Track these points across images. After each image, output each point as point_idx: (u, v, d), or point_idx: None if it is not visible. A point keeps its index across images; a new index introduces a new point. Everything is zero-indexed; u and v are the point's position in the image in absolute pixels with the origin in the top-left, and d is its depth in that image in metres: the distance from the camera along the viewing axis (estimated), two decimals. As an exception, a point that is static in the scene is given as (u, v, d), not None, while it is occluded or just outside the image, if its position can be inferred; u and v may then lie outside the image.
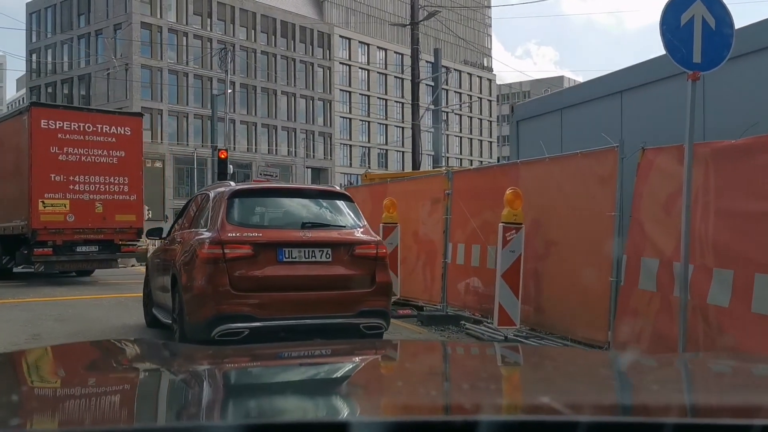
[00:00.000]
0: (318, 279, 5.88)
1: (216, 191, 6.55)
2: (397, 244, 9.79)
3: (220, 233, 5.81)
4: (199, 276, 5.77)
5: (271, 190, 6.89)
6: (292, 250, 5.83)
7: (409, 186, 10.23)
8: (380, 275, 6.14)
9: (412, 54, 27.61)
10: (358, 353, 2.10)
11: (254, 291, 5.70)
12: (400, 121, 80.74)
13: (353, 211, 6.55)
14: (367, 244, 6.15)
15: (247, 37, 63.44)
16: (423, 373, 1.71)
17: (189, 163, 56.36)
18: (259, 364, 1.81)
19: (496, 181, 8.00)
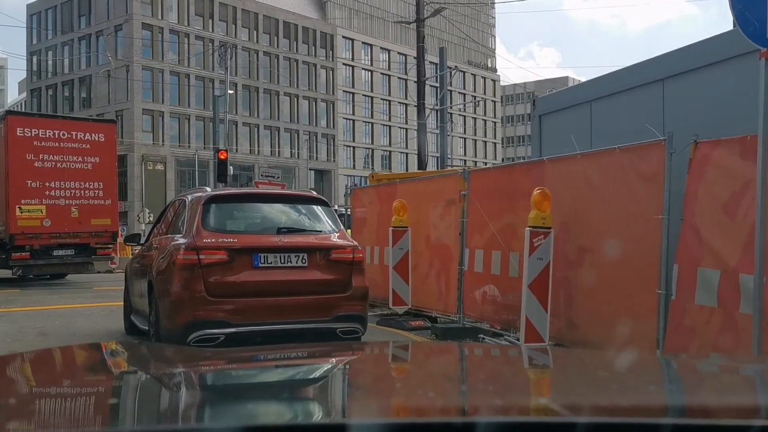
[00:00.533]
0: (294, 284, 5.92)
1: (192, 197, 6.56)
2: (408, 250, 9.07)
3: (196, 239, 5.84)
4: (174, 282, 5.79)
5: (247, 196, 6.98)
6: (267, 255, 5.88)
7: (421, 187, 9.50)
8: (356, 280, 6.17)
9: (418, 52, 26.92)
10: (349, 355, 2.08)
11: (230, 297, 5.74)
12: (403, 122, 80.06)
13: (330, 216, 6.54)
14: (343, 249, 6.17)
15: (249, 38, 62.80)
16: (421, 375, 1.71)
17: (191, 166, 55.71)
18: (242, 366, 1.82)
19: (519, 181, 7.27)
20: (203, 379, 1.61)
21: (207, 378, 1.62)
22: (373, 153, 76.68)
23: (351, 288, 6.11)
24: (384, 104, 78.05)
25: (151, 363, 1.86)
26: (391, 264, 9.08)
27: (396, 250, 9.09)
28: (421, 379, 1.63)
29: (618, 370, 1.70)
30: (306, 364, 1.84)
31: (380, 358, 1.98)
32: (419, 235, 9.16)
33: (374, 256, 10.27)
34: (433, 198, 9.05)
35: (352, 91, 74.28)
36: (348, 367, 1.80)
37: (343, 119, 72.71)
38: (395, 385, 1.57)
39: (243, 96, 61.74)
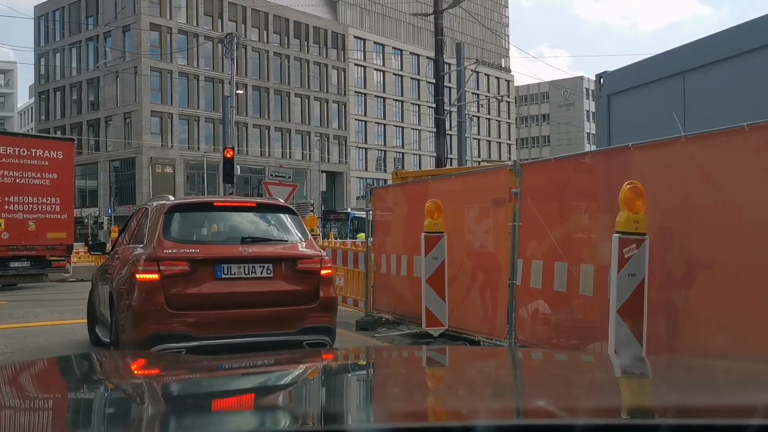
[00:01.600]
0: (258, 295, 5.84)
1: (154, 205, 6.44)
2: (444, 259, 7.58)
3: (156, 250, 5.73)
4: (133, 294, 5.69)
5: (210, 205, 6.82)
6: (231, 266, 5.79)
7: (458, 184, 7.97)
8: (324, 290, 6.07)
9: (436, 45, 25.41)
10: (345, 361, 2.11)
11: (192, 309, 5.66)
12: (416, 123, 78.73)
13: (296, 224, 6.40)
14: (310, 259, 6.09)
15: (259, 38, 61.65)
16: (417, 379, 1.72)
17: (200, 168, 54.56)
18: (209, 374, 1.83)
19: (591, 174, 5.77)
20: (169, 390, 1.59)
21: (174, 388, 1.61)
22: (385, 155, 75.28)
23: (318, 299, 5.97)
24: (396, 105, 76.68)
25: (118, 373, 1.86)
26: (424, 276, 7.60)
27: (429, 259, 7.60)
28: (416, 384, 1.63)
29: (614, 373, 1.75)
30: (273, 372, 1.82)
31: (377, 365, 1.96)
32: (457, 242, 7.67)
33: (401, 266, 8.79)
34: (475, 197, 7.57)
35: (364, 92, 72.97)
36: (344, 374, 1.81)
37: (355, 120, 71.41)
38: (394, 390, 1.56)
39: (253, 97, 60.61)
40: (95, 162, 57.11)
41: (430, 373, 1.83)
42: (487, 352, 2.82)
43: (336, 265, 10.85)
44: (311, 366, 1.91)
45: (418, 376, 1.76)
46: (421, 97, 79.49)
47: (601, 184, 5.37)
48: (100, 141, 56.50)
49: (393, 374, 1.79)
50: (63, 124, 60.02)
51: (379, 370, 1.88)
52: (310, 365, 1.94)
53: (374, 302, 9.60)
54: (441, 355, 2.29)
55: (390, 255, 9.10)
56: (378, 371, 1.87)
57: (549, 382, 1.63)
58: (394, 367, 1.92)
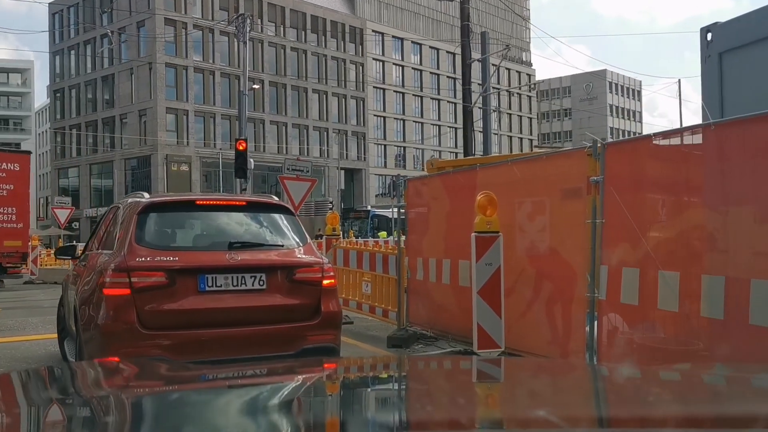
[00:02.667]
0: (249, 311, 5.08)
1: (126, 204, 5.66)
2: (500, 265, 6.12)
3: (127, 258, 4.93)
4: (99, 311, 4.89)
5: (192, 203, 5.80)
6: (216, 276, 5.02)
7: (517, 173, 6.43)
8: (327, 304, 5.31)
9: (462, 30, 24.00)
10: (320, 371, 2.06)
11: (169, 329, 4.89)
12: (436, 119, 77.20)
13: (293, 226, 5.61)
14: (310, 267, 5.34)
15: (275, 33, 60.42)
16: (414, 389, 1.70)
17: (217, 166, 53.46)
18: (193, 386, 1.79)
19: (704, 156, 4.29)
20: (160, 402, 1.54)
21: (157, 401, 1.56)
22: (405, 151, 73.79)
23: (320, 314, 5.22)
24: (416, 101, 75.16)
25: (85, 385, 1.80)
26: (475, 286, 6.15)
27: (482, 266, 6.15)
28: (414, 393, 1.63)
29: (615, 382, 1.71)
30: (268, 383, 1.76)
31: (373, 376, 1.94)
32: (516, 244, 6.22)
33: (442, 273, 7.34)
34: (538, 188, 6.09)
35: (383, 87, 71.52)
36: (346, 385, 1.78)
37: (373, 116, 69.99)
38: (392, 400, 1.56)
39: (270, 93, 59.43)
40: (110, 161, 56.29)
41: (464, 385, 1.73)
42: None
43: (362, 269, 9.44)
44: (327, 375, 1.91)
45: (436, 387, 1.72)
46: (441, 92, 77.96)
47: (735, 165, 3.89)
48: (115, 139, 55.64)
49: (426, 386, 1.72)
50: (78, 122, 59.28)
51: (413, 382, 1.79)
52: (356, 374, 1.95)
53: (408, 313, 8.17)
54: (508, 367, 2.14)
55: (428, 259, 7.65)
56: (411, 383, 1.78)
57: (548, 392, 1.59)
58: (447, 377, 1.87)
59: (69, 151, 60.63)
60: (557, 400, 1.48)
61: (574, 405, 1.38)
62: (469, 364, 2.30)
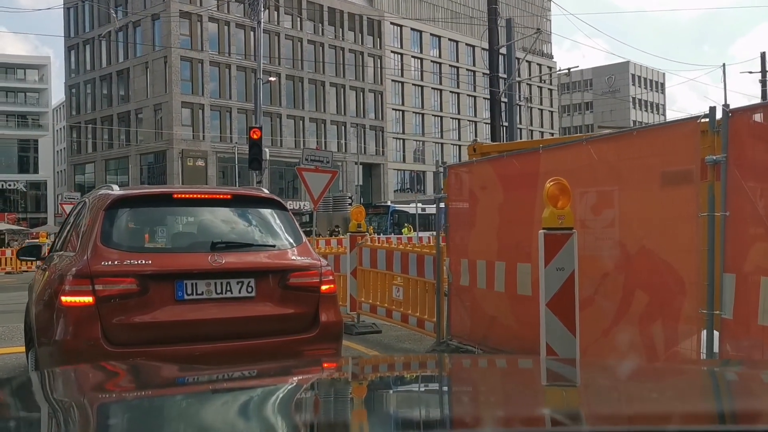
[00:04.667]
0: (236, 323, 4.37)
1: (93, 198, 4.86)
2: (574, 270, 4.85)
3: (91, 261, 4.15)
4: (56, 324, 4.10)
5: (167, 197, 4.90)
6: (197, 282, 4.30)
7: (595, 154, 5.11)
8: (326, 313, 4.61)
9: (489, 14, 22.67)
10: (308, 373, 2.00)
11: (140, 345, 4.12)
12: (455, 112, 75.77)
13: (287, 223, 4.84)
14: (306, 270, 4.62)
15: (292, 26, 59.31)
16: (415, 387, 1.68)
17: (233, 161, 52.52)
18: (174, 390, 1.77)
19: None
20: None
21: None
22: (423, 146, 72.43)
23: (318, 325, 4.59)
24: (435, 94, 73.75)
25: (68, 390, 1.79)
26: (544, 296, 4.88)
27: (552, 271, 4.87)
28: (414, 392, 1.61)
29: (618, 379, 1.70)
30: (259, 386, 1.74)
31: (374, 375, 1.90)
32: (594, 244, 4.95)
33: (494, 278, 6.06)
34: (627, 173, 4.78)
35: (402, 81, 70.17)
36: (338, 385, 1.75)
37: (392, 110, 68.68)
38: (392, 398, 1.54)
39: (287, 87, 58.38)
40: (126, 156, 55.57)
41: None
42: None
43: (392, 271, 8.20)
44: (354, 375, 1.92)
45: (439, 386, 1.72)
46: (461, 85, 76.50)
47: None
48: (131, 134, 54.88)
49: (407, 384, 1.75)
50: (93, 118, 58.64)
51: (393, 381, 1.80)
52: (355, 373, 1.94)
53: (449, 325, 6.92)
54: (508, 364, 2.15)
55: (474, 261, 6.38)
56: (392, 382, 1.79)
57: (552, 389, 1.58)
58: (451, 376, 1.84)
59: (85, 147, 60.06)
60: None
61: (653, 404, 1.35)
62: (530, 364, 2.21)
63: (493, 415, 1.29)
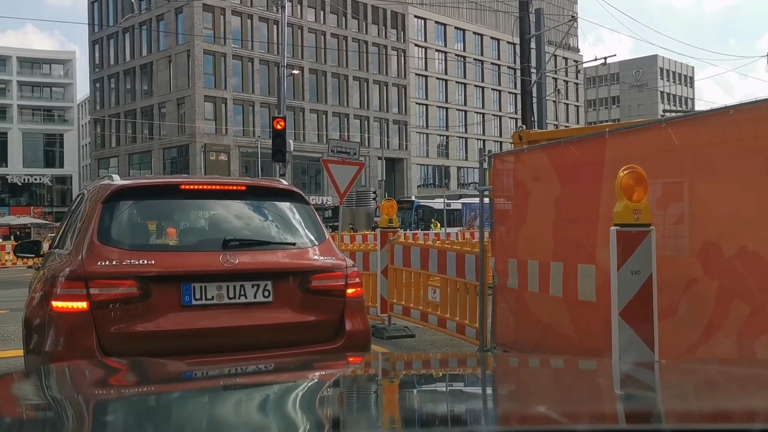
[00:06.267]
0: (251, 332, 3.85)
1: (91, 189, 4.36)
2: (651, 273, 4.13)
3: (85, 261, 3.68)
4: (46, 332, 3.63)
5: (176, 189, 4.21)
6: (206, 285, 3.79)
7: (675, 138, 4.36)
8: (352, 319, 4.12)
9: (520, 1, 21.88)
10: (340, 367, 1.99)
11: (141, 357, 3.44)
12: (479, 107, 74.75)
13: (308, 218, 4.33)
14: (330, 272, 4.12)
15: (315, 19, 58.76)
16: (416, 387, 1.67)
17: (256, 156, 52.18)
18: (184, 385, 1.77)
19: None
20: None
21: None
22: (447, 140, 71.55)
23: (343, 334, 4.05)
24: (459, 88, 72.80)
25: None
26: (617, 305, 4.17)
27: (625, 274, 4.16)
28: (415, 391, 1.59)
29: (615, 378, 1.69)
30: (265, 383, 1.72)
31: (379, 372, 1.88)
32: (676, 243, 4.22)
33: (550, 281, 5.35)
34: (720, 159, 4.03)
35: (425, 75, 69.33)
36: (343, 383, 1.71)
37: (415, 104, 67.89)
38: (392, 396, 1.52)
39: (310, 81, 57.90)
40: (149, 150, 55.50)
41: None
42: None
43: (427, 270, 7.52)
44: (353, 372, 1.89)
45: (445, 384, 1.71)
46: (485, 79, 75.46)
47: None
48: (154, 128, 54.79)
49: (413, 382, 1.72)
50: (117, 112, 58.69)
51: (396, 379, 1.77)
52: (353, 371, 1.90)
53: (494, 331, 6.23)
54: (509, 363, 2.22)
55: (525, 261, 5.68)
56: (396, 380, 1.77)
57: (550, 388, 1.59)
58: (446, 374, 1.85)
59: (109, 141, 60.18)
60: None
61: None
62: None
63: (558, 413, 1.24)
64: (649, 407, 1.35)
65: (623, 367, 2.09)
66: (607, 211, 4.73)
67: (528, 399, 1.47)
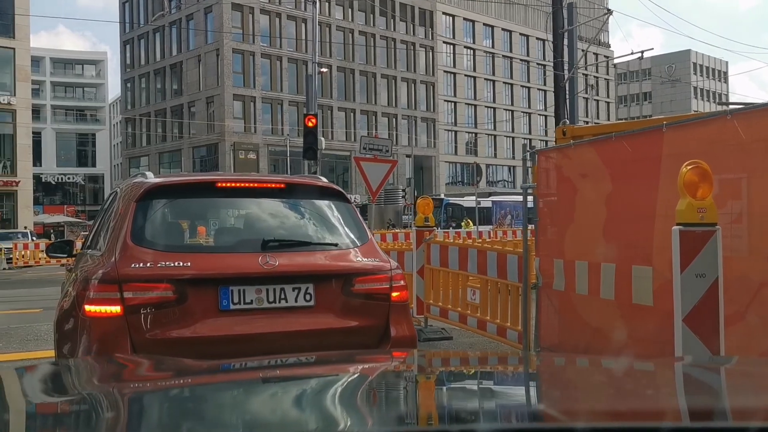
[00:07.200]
0: (291, 339, 3.64)
1: (124, 188, 4.15)
2: (718, 276, 3.86)
3: (119, 263, 3.50)
4: (78, 338, 3.49)
5: (212, 187, 4.01)
6: (245, 289, 3.62)
7: (742, 132, 4.05)
8: (397, 325, 3.90)
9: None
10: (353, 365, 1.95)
11: None
12: (509, 104, 73.99)
13: (349, 217, 4.12)
14: (374, 274, 3.89)
15: (344, 17, 58.68)
16: (417, 384, 1.67)
17: (285, 154, 52.31)
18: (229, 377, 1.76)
19: None
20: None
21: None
22: (476, 138, 70.98)
23: (388, 341, 3.84)
24: (488, 85, 72.16)
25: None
26: (680, 310, 3.90)
27: (689, 278, 3.89)
28: (416, 389, 1.59)
29: (614, 375, 1.69)
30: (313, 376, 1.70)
31: (382, 370, 1.82)
32: (744, 244, 3.93)
33: (601, 283, 5.07)
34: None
35: (454, 72, 68.84)
36: (352, 379, 1.67)
37: (443, 102, 67.45)
38: (392, 394, 1.52)
39: (338, 79, 57.87)
40: (179, 149, 55.96)
41: None
42: None
43: (465, 271, 7.29)
44: (358, 370, 1.81)
45: (454, 382, 1.68)
46: (514, 76, 74.70)
47: None
48: (183, 127, 55.23)
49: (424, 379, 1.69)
50: (148, 111, 59.29)
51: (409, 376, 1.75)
52: (357, 369, 1.82)
53: (538, 335, 5.97)
54: (509, 361, 2.25)
55: (572, 261, 5.41)
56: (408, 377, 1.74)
57: (549, 385, 1.60)
58: (447, 372, 1.80)
59: (139, 140, 60.83)
60: None
61: None
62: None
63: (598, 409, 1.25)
64: (713, 404, 1.32)
65: (685, 367, 2.05)
66: (664, 209, 4.45)
67: (592, 395, 1.45)
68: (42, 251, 25.45)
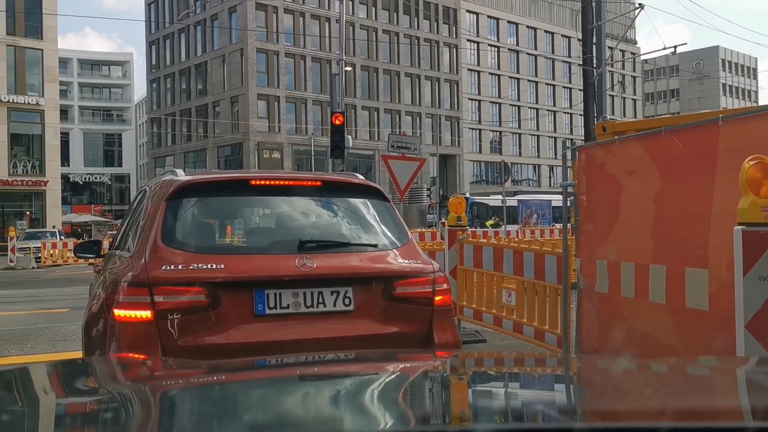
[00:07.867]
0: (330, 345, 3.39)
1: (154, 186, 3.96)
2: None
3: (148, 265, 3.33)
4: (107, 343, 3.33)
5: (246, 185, 3.87)
6: (281, 292, 3.43)
7: None
8: (441, 331, 3.69)
9: (585, -9, 21.04)
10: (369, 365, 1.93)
11: None
12: (533, 102, 73.29)
13: (389, 217, 3.91)
14: (415, 277, 3.69)
15: (367, 15, 58.55)
16: (419, 385, 1.66)
17: (309, 154, 52.33)
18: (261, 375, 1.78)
19: None
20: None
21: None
22: (500, 136, 70.41)
23: (432, 346, 3.63)
24: (512, 83, 71.55)
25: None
26: (742, 316, 3.65)
27: (752, 281, 3.64)
28: (418, 389, 1.57)
29: (612, 375, 1.71)
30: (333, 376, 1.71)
31: (385, 371, 1.78)
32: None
33: (649, 286, 4.81)
34: None
35: (478, 70, 68.35)
36: (361, 379, 1.66)
37: (467, 100, 66.99)
38: (393, 394, 1.49)
39: (362, 78, 57.76)
40: (204, 149, 56.28)
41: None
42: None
43: (501, 272, 7.05)
44: (364, 370, 1.78)
45: (464, 381, 1.67)
46: (539, 74, 73.98)
47: None
48: (208, 127, 55.53)
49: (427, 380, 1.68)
50: (173, 111, 59.73)
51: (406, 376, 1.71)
52: (364, 369, 1.82)
53: (580, 339, 5.72)
54: (507, 360, 2.25)
55: (617, 262, 5.16)
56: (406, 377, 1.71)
57: (546, 385, 1.62)
58: (447, 372, 1.79)
59: (165, 140, 61.31)
60: None
61: None
62: None
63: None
64: None
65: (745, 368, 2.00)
66: (720, 207, 4.19)
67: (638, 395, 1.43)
68: (70, 250, 25.64)
